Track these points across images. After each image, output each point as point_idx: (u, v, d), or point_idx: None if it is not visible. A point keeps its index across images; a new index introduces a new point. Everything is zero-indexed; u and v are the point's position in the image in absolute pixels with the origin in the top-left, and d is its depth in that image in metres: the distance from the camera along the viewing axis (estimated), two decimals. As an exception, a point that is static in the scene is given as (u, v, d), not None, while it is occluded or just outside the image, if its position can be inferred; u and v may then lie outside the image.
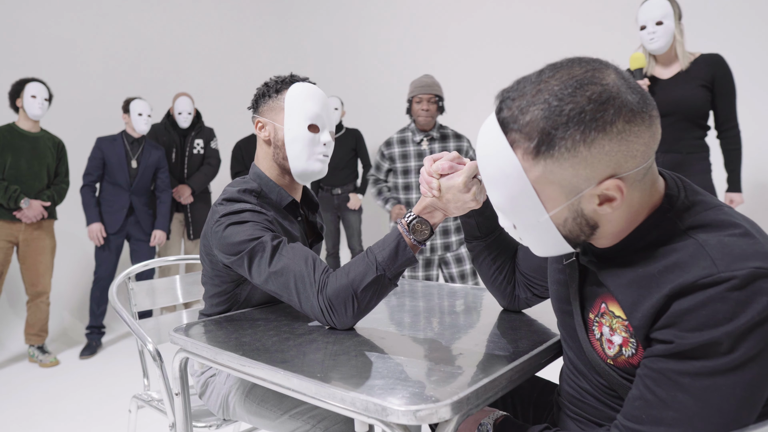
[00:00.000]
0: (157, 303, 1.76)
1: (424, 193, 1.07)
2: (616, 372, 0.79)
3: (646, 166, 0.71)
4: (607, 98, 0.67)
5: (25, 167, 3.09)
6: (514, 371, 0.88)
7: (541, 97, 0.69)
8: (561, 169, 0.69)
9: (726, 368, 0.62)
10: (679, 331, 0.64)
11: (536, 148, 0.69)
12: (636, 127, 0.68)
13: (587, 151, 0.68)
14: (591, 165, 0.68)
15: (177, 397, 1.20)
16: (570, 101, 0.67)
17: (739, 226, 0.70)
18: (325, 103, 1.39)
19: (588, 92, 0.67)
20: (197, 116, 3.95)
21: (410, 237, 1.09)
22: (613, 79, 0.68)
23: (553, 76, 0.70)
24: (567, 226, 0.75)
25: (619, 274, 0.76)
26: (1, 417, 2.53)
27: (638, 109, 0.68)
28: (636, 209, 0.74)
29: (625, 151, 0.68)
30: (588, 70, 0.69)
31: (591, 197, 0.71)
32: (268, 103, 1.39)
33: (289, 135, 1.35)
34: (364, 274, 1.08)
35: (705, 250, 0.67)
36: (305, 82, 1.40)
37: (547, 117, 0.68)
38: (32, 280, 3.19)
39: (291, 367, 0.91)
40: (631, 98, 0.68)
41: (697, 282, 0.64)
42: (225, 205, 1.26)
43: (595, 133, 0.67)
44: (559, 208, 0.73)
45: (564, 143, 0.68)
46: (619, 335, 0.77)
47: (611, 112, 0.67)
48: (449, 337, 1.07)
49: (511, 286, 1.17)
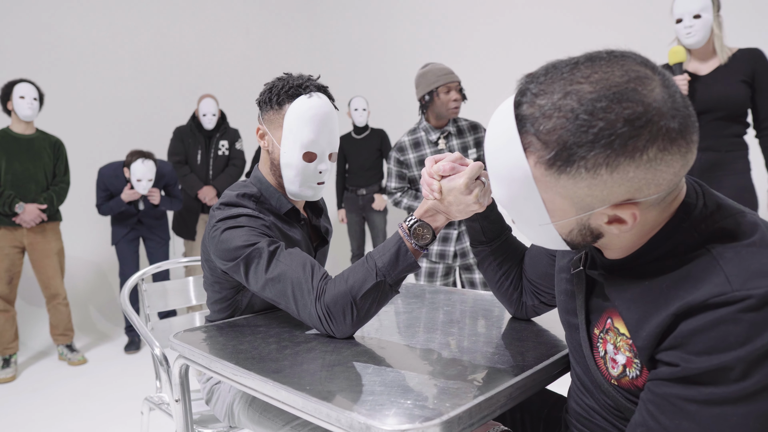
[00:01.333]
0: (170, 305, 1.75)
1: (425, 196, 1.02)
2: (621, 393, 0.72)
3: (670, 191, 0.64)
4: (645, 123, 0.58)
5: (20, 170, 3.07)
6: (515, 388, 0.82)
7: (569, 103, 0.59)
8: (576, 187, 0.62)
9: (737, 397, 0.55)
10: (686, 354, 0.58)
11: (552, 160, 0.61)
12: (669, 156, 0.60)
13: (608, 175, 0.60)
14: (609, 188, 0.61)
15: (177, 404, 1.18)
16: (602, 117, 0.58)
17: (762, 235, 0.62)
18: (327, 126, 1.27)
19: (626, 111, 0.57)
20: (222, 117, 3.97)
21: (411, 241, 1.04)
22: (657, 98, 0.59)
23: (588, 76, 0.60)
24: (571, 235, 0.70)
25: (626, 287, 0.70)
26: (25, 414, 2.59)
27: (676, 137, 0.59)
28: (651, 227, 0.67)
29: (650, 179, 0.61)
30: (631, 80, 0.59)
31: (602, 216, 0.65)
32: (269, 113, 1.29)
33: (284, 158, 1.28)
34: (364, 280, 1.03)
35: (719, 264, 0.60)
36: (311, 93, 1.26)
37: (572, 131, 0.59)
38: (44, 283, 3.22)
39: (281, 378, 0.87)
40: (672, 124, 0.58)
41: (707, 301, 0.58)
42: (222, 210, 1.22)
43: (622, 159, 0.59)
44: (565, 220, 0.67)
45: (585, 163, 0.60)
46: (623, 354, 0.70)
47: (645, 138, 0.58)
48: (453, 347, 1.01)
49: (518, 293, 1.11)
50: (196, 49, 4.89)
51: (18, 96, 3.03)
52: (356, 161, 4.23)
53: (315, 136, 1.25)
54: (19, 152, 3.08)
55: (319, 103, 1.26)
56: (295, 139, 1.25)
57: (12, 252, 3.09)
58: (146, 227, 3.56)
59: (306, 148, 1.26)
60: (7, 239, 3.07)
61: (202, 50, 4.92)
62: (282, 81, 1.29)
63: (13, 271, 3.11)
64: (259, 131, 1.33)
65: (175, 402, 1.17)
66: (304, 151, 1.26)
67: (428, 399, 0.77)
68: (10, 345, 3.09)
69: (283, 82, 1.28)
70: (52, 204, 3.18)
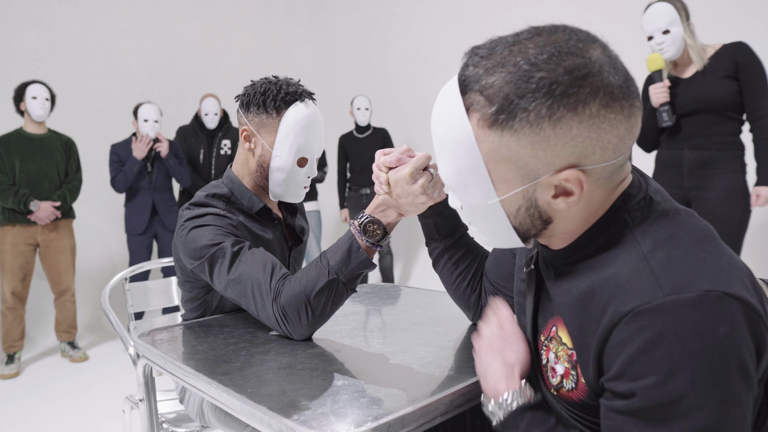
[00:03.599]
0: (152, 305, 1.76)
1: (376, 191, 1.03)
2: (560, 404, 0.70)
3: (617, 163, 0.62)
4: (587, 74, 0.57)
5: (34, 170, 3.15)
6: (458, 395, 0.80)
7: (512, 59, 0.59)
8: (519, 145, 0.60)
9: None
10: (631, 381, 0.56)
11: (494, 115, 0.60)
12: (612, 114, 0.59)
13: (551, 129, 0.58)
14: (553, 147, 0.59)
15: (142, 404, 1.18)
16: (544, 68, 0.57)
17: (695, 237, 0.60)
18: (319, 132, 1.31)
19: (566, 62, 0.57)
20: (224, 117, 3.99)
21: (363, 238, 1.03)
22: (599, 55, 0.59)
23: (531, 38, 0.60)
24: (519, 216, 0.66)
25: (568, 290, 0.67)
26: (24, 409, 2.62)
27: (619, 94, 0.59)
28: (595, 209, 0.65)
29: (594, 139, 0.59)
30: (572, 39, 0.59)
31: (547, 186, 0.62)
32: (261, 117, 1.28)
33: (275, 162, 1.28)
34: (317, 279, 1.03)
35: (649, 266, 0.58)
36: (305, 101, 1.28)
37: (515, 82, 0.58)
38: (55, 279, 3.28)
39: (226, 380, 0.87)
40: (613, 80, 0.58)
41: (638, 308, 0.56)
42: (191, 210, 1.23)
43: (564, 111, 0.57)
44: (511, 193, 0.64)
45: (527, 115, 0.58)
46: (562, 365, 0.68)
47: (587, 91, 0.57)
48: (410, 350, 0.99)
49: (476, 295, 1.08)
50: (203, 49, 4.92)
51: (30, 97, 3.11)
52: (359, 161, 4.22)
53: (309, 143, 1.29)
54: (32, 152, 3.16)
55: (313, 111, 1.29)
56: (292, 145, 1.26)
57: (26, 249, 3.16)
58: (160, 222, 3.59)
59: (300, 154, 1.28)
60: (21, 236, 3.13)
61: (208, 50, 4.96)
62: (275, 86, 1.28)
63: (26, 268, 3.17)
64: (245, 132, 1.31)
65: (140, 402, 1.18)
66: (300, 156, 1.28)
67: (365, 405, 0.76)
68: (15, 343, 3.15)
69: (276, 87, 1.28)
70: (65, 201, 3.25)
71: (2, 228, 3.12)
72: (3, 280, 3.13)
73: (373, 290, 1.57)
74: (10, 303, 3.12)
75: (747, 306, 0.55)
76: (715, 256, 0.59)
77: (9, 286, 3.11)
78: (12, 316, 3.13)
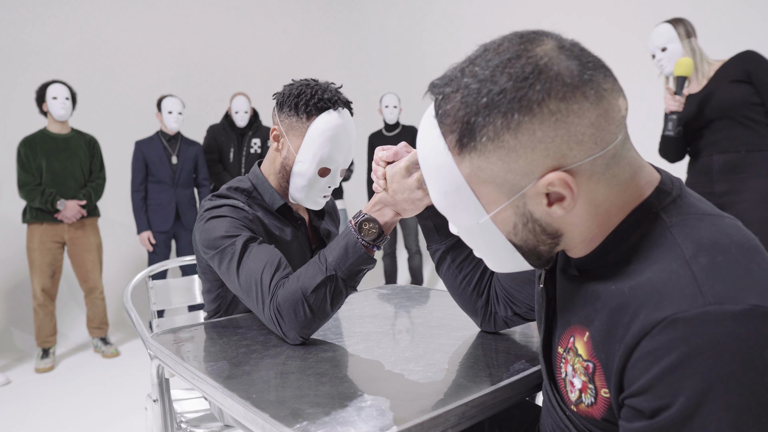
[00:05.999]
0: (174, 302, 1.76)
1: (374, 189, 1.01)
2: (580, 420, 0.65)
3: (606, 154, 0.56)
4: (531, 72, 0.54)
5: (59, 169, 3.21)
6: (470, 406, 0.76)
7: (462, 81, 0.57)
8: (489, 163, 0.57)
9: None
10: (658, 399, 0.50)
11: (459, 141, 0.58)
12: (576, 105, 0.54)
13: (514, 139, 0.55)
14: (523, 156, 0.55)
15: (155, 404, 1.17)
16: (490, 81, 0.55)
17: (742, 245, 0.54)
18: (347, 144, 1.27)
19: (511, 69, 0.54)
20: (254, 115, 4.01)
21: (358, 237, 1.00)
22: (547, 49, 0.55)
23: (478, 56, 0.58)
24: (519, 234, 0.62)
25: (597, 293, 0.61)
26: (57, 402, 2.68)
27: (577, 82, 0.54)
28: (607, 208, 0.59)
29: (564, 135, 0.54)
30: (516, 43, 0.56)
31: (536, 196, 0.57)
32: (292, 119, 1.26)
33: (298, 167, 1.27)
34: (314, 276, 1.00)
35: (691, 271, 0.51)
36: (339, 110, 1.25)
37: (467, 103, 0.56)
38: (83, 277, 3.34)
39: (233, 385, 0.84)
40: (567, 70, 0.54)
41: (673, 316, 0.49)
42: (211, 200, 1.24)
43: (520, 116, 0.54)
44: (498, 209, 0.60)
45: (486, 132, 0.55)
46: (579, 378, 0.62)
47: (537, 89, 0.53)
48: (425, 356, 0.95)
49: (483, 300, 1.02)
50: (235, 48, 4.97)
51: (51, 97, 3.15)
52: (388, 159, 4.18)
53: (335, 154, 1.26)
54: (57, 151, 3.21)
55: (345, 122, 1.26)
56: (315, 153, 1.24)
57: (54, 247, 3.22)
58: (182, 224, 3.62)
59: (323, 164, 1.26)
60: (48, 234, 3.20)
61: (238, 49, 5.00)
62: (311, 89, 1.26)
63: (55, 265, 3.23)
64: (275, 132, 1.30)
65: (153, 402, 1.17)
66: (322, 166, 1.26)
67: (369, 417, 0.72)
68: (48, 338, 3.22)
69: (312, 91, 1.25)
70: (90, 200, 3.30)
71: (30, 227, 3.20)
72: (33, 278, 3.20)
73: (393, 291, 1.53)
74: (40, 300, 3.19)
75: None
76: (765, 269, 0.52)
77: (38, 283, 3.18)
78: (43, 312, 3.20)
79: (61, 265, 3.29)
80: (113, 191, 3.85)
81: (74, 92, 3.26)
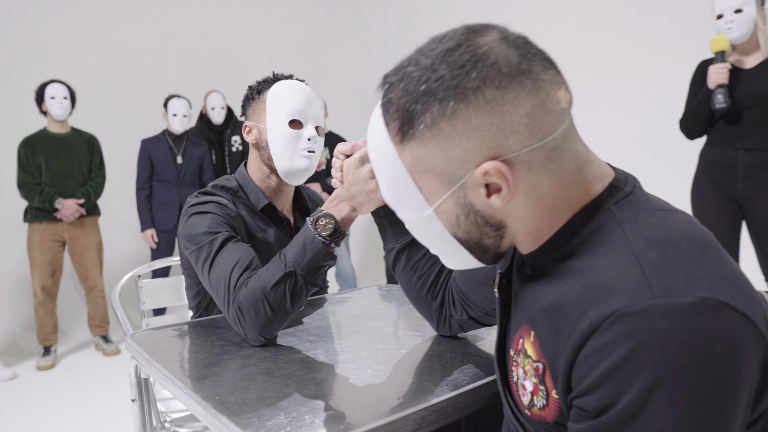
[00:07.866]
0: (162, 302, 1.77)
1: (332, 183, 1.02)
2: (533, 426, 0.63)
3: (545, 146, 0.55)
4: (468, 60, 0.54)
5: (58, 168, 3.22)
6: (432, 410, 0.75)
7: (407, 69, 0.58)
8: (427, 151, 0.57)
9: None
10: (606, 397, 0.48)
11: (400, 130, 0.58)
12: (512, 94, 0.53)
13: (450, 126, 0.55)
14: (459, 144, 0.55)
15: (133, 404, 1.17)
16: (430, 69, 0.56)
17: (694, 239, 0.52)
18: (308, 98, 1.31)
19: (451, 58, 0.55)
20: (229, 112, 3.98)
21: (315, 233, 1.00)
22: (489, 40, 0.55)
23: (425, 47, 0.58)
24: (462, 226, 0.61)
25: (547, 291, 0.59)
26: (58, 399, 2.71)
27: (513, 72, 0.54)
28: (551, 201, 0.58)
29: (499, 124, 0.54)
30: (462, 34, 0.57)
31: (474, 186, 0.57)
32: (252, 106, 1.34)
33: (271, 134, 1.29)
34: (274, 273, 1.00)
35: (640, 266, 0.50)
36: (289, 79, 1.34)
37: (408, 92, 0.57)
38: (83, 276, 3.36)
39: (198, 386, 0.84)
40: (505, 60, 0.54)
41: (620, 311, 0.48)
42: (197, 197, 1.26)
43: (456, 103, 0.54)
44: (440, 200, 0.59)
45: (423, 119, 0.56)
46: (530, 380, 0.61)
47: (473, 77, 0.53)
48: (395, 359, 0.94)
49: (438, 303, 1.00)
50: (238, 48, 4.98)
51: (49, 97, 3.16)
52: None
53: (300, 105, 1.29)
54: (56, 151, 3.23)
55: (298, 83, 1.32)
56: (280, 111, 1.28)
57: (53, 245, 3.24)
58: None
59: (291, 116, 1.28)
60: (48, 233, 3.22)
61: (242, 49, 5.01)
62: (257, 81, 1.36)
63: (55, 264, 3.25)
64: (246, 128, 1.35)
65: (132, 402, 1.17)
66: (290, 119, 1.28)
67: (329, 419, 0.71)
68: (49, 336, 3.25)
69: (263, 78, 1.35)
70: (90, 198, 3.30)
71: (30, 226, 3.22)
72: (33, 277, 3.23)
73: (389, 291, 1.52)
74: (40, 298, 3.21)
75: (751, 324, 0.47)
76: (717, 262, 0.51)
77: (39, 281, 3.21)
78: (43, 311, 3.23)
79: (62, 263, 3.31)
80: (118, 189, 3.87)
81: (73, 91, 3.27)
